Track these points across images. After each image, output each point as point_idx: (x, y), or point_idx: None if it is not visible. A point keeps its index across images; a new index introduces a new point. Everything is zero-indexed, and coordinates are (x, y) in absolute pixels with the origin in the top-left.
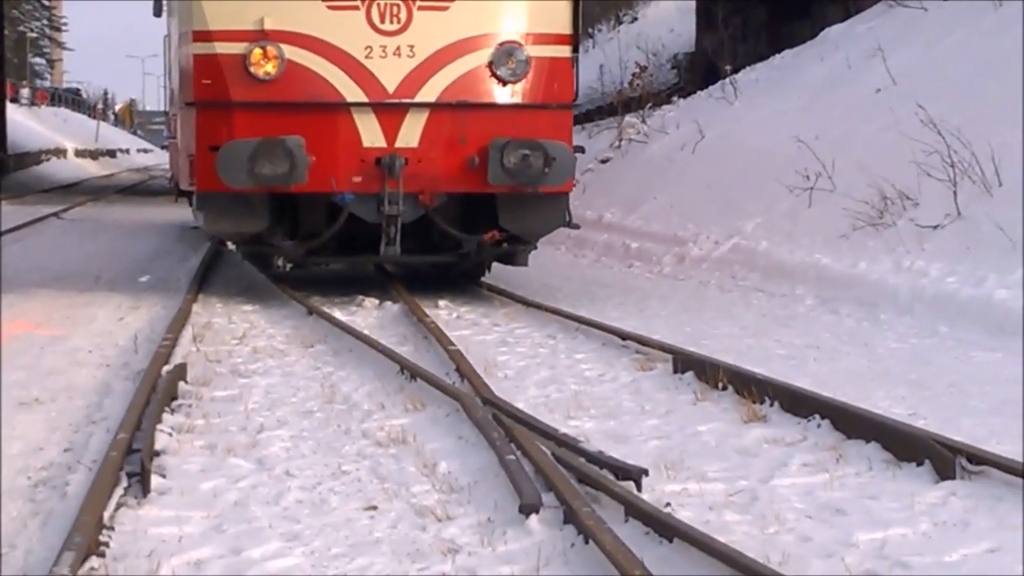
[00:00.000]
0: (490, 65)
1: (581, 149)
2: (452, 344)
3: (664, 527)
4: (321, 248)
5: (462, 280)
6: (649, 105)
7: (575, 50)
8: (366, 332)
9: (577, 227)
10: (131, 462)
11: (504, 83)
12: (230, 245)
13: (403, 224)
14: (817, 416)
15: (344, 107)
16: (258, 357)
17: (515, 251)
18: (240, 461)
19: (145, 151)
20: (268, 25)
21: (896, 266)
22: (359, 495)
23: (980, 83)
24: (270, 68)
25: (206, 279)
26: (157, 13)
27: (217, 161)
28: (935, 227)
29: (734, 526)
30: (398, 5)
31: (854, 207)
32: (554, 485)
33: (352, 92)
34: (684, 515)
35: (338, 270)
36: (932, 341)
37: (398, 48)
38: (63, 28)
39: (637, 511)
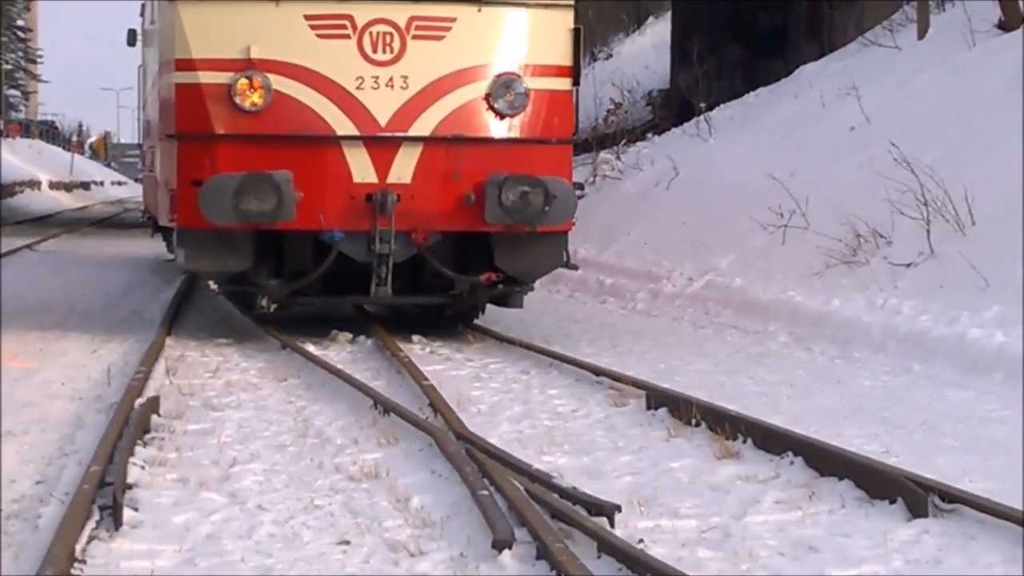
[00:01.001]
0: (487, 97)
1: (580, 186)
2: (425, 379)
3: (637, 563)
4: (307, 288)
5: (453, 322)
6: (624, 141)
7: (575, 82)
8: (339, 366)
9: (576, 268)
10: (103, 495)
11: (502, 116)
12: (212, 285)
13: (394, 263)
14: (790, 453)
15: (334, 140)
16: (231, 391)
17: (510, 292)
18: (212, 495)
19: (119, 183)
20: (254, 54)
21: (869, 304)
22: (332, 529)
23: (953, 122)
24: (256, 99)
25: (180, 312)
26: (131, 43)
27: (200, 196)
28: (908, 265)
29: (707, 563)
30: (391, 34)
31: (827, 245)
32: (527, 520)
33: (342, 125)
34: (657, 551)
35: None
36: (905, 379)
37: (391, 79)
38: (39, 60)
39: (610, 547)
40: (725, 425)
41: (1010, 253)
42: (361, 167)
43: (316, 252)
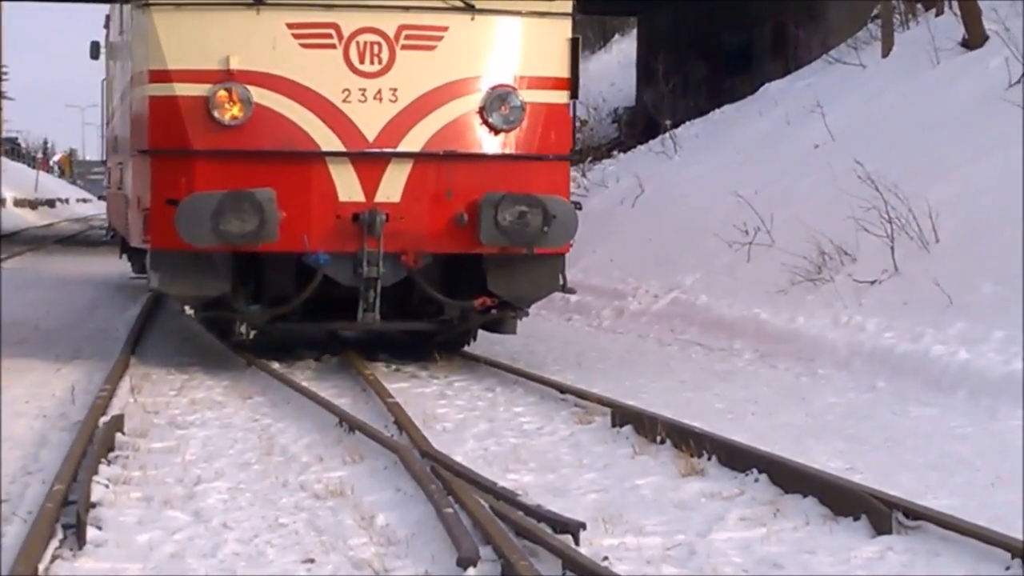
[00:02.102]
0: (481, 111)
1: (578, 205)
2: (391, 396)
3: None
4: (289, 314)
5: (443, 349)
6: (589, 159)
7: (574, 95)
8: (305, 384)
9: (573, 292)
10: (67, 514)
11: (496, 131)
12: (187, 310)
13: (382, 288)
14: (755, 470)
15: (318, 156)
16: (196, 409)
17: (503, 318)
18: (177, 513)
19: (84, 201)
20: (234, 65)
21: (834, 321)
22: (296, 548)
23: (918, 139)
24: (236, 112)
25: (145, 330)
26: (95, 55)
27: (177, 216)
28: (873, 282)
29: None
30: (379, 44)
31: (792, 262)
32: (492, 538)
33: (327, 140)
34: (622, 569)
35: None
36: (869, 396)
37: (379, 92)
38: (3, 78)
39: (575, 565)
40: (690, 442)
41: (974, 270)
42: (347, 185)
43: (298, 275)
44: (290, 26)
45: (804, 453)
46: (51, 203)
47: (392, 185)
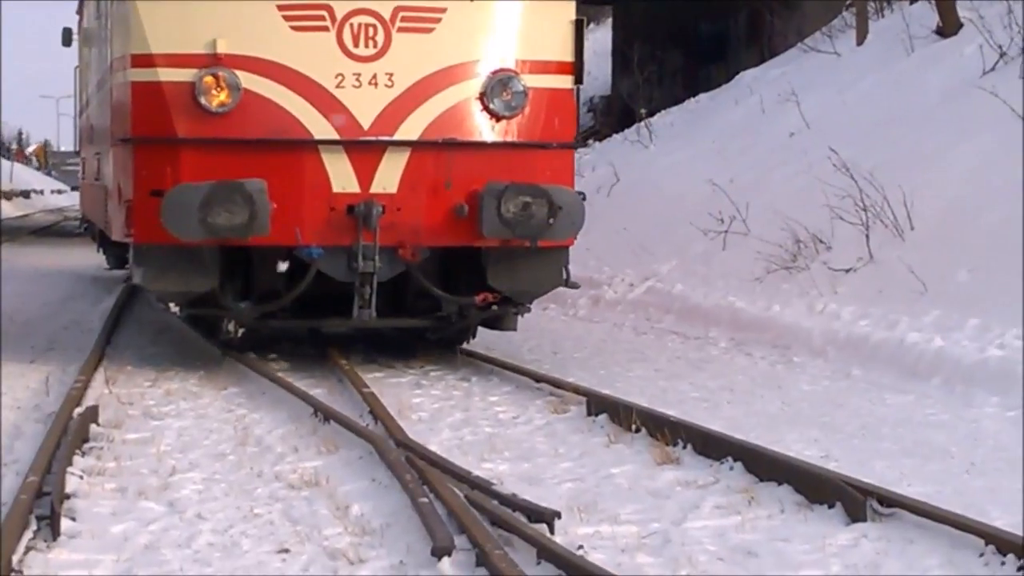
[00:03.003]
0: (481, 97)
1: (583, 196)
2: (366, 386)
3: (577, 570)
4: (279, 311)
5: (440, 347)
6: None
7: (578, 80)
8: (280, 374)
9: (576, 286)
10: (41, 505)
11: (498, 118)
12: (172, 307)
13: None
14: (730, 458)
15: (311, 145)
16: (171, 399)
17: (504, 314)
18: (151, 504)
19: (59, 192)
20: (222, 48)
21: (809, 309)
22: (271, 538)
23: (892, 128)
24: (223, 98)
25: (119, 321)
26: (67, 43)
27: (163, 209)
28: (848, 270)
29: (647, 568)
30: (375, 26)
31: (768, 250)
32: (467, 528)
33: (320, 128)
34: (597, 557)
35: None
36: (845, 384)
37: (374, 76)
38: None
39: (550, 554)
40: (665, 431)
41: (949, 258)
42: (341, 175)
43: (289, 270)
44: (280, 8)
45: (779, 441)
46: (26, 194)
47: (388, 175)
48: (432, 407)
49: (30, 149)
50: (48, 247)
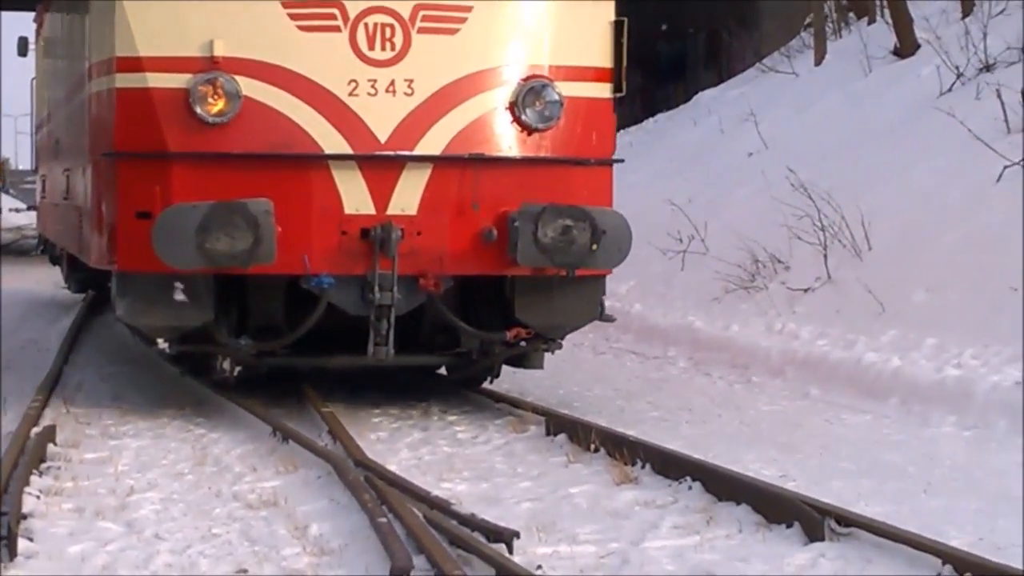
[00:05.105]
0: (512, 107)
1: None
2: (325, 406)
3: None
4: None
5: (460, 387)
6: None
7: (618, 89)
8: (239, 394)
9: (612, 319)
10: None
11: (530, 131)
12: (160, 343)
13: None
14: (688, 478)
15: (320, 161)
16: (129, 419)
17: (533, 351)
18: (109, 524)
19: (17, 211)
20: (219, 51)
21: (768, 329)
22: (229, 558)
23: (850, 148)
24: (221, 107)
25: (78, 340)
26: (23, 52)
27: (154, 233)
28: (806, 290)
29: None
30: (392, 27)
31: (726, 270)
32: (426, 548)
33: (331, 141)
34: None
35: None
36: (803, 403)
37: (392, 83)
38: None
39: (508, 574)
40: (624, 450)
41: (906, 278)
42: (355, 195)
43: (288, 301)
44: (286, 6)
45: (737, 461)
46: None
47: (408, 195)
48: (391, 426)
49: None
50: (6, 266)
